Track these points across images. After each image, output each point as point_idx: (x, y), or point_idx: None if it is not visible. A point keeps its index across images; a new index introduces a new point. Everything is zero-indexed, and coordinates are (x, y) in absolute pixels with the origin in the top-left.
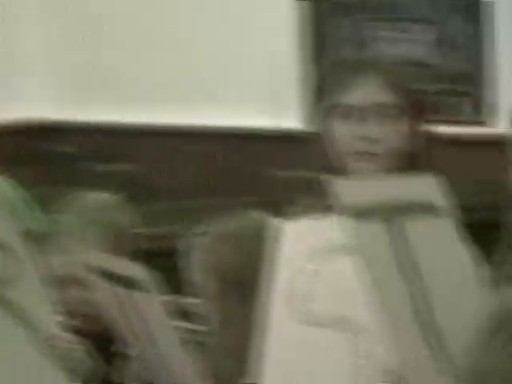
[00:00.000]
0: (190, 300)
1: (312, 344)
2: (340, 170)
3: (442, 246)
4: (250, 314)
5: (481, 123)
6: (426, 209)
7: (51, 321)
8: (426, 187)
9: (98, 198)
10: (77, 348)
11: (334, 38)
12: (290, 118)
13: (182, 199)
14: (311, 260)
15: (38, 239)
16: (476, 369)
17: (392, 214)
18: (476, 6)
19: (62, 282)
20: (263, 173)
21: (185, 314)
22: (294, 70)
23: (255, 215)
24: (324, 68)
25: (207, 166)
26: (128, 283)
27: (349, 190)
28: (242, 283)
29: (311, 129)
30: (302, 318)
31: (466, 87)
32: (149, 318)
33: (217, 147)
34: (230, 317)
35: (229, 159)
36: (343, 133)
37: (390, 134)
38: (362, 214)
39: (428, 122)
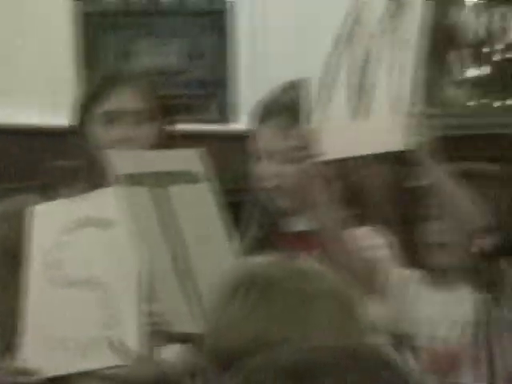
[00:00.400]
0: None
1: (67, 303)
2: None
3: (200, 207)
4: (19, 281)
5: (225, 121)
6: (186, 177)
7: None
8: (187, 159)
9: None
10: None
11: (104, 49)
12: (64, 117)
13: None
14: (63, 233)
15: None
16: (215, 326)
17: (157, 181)
18: (222, 22)
19: None
20: (42, 163)
21: None
22: (70, 74)
23: (27, 198)
24: (92, 77)
25: None
26: None
27: (122, 160)
28: (14, 255)
29: (75, 127)
30: (57, 282)
31: (213, 91)
32: None
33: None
34: (4, 284)
35: (9, 152)
36: (105, 135)
37: (145, 134)
38: (132, 182)
39: (179, 121)
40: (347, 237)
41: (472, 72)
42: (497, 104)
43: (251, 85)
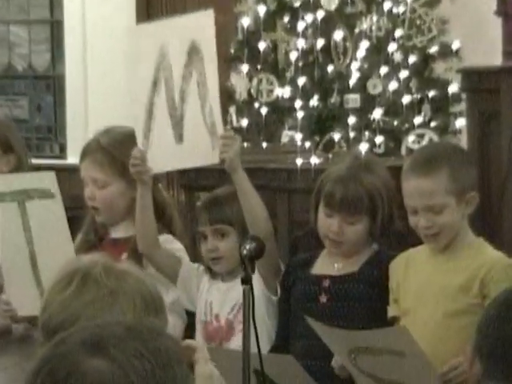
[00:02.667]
0: None
1: None
2: None
3: (52, 219)
4: None
5: (64, 157)
6: (44, 193)
7: None
8: (42, 179)
9: None
10: None
11: None
12: None
13: None
14: None
15: None
16: (48, 306)
17: (21, 197)
18: (60, 83)
19: None
20: None
21: None
22: None
23: None
24: None
25: None
26: None
27: None
28: None
29: None
30: None
31: (54, 135)
32: None
33: None
34: None
35: None
36: None
37: (4, 163)
38: (1, 197)
39: (31, 156)
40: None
41: (244, 122)
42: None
43: (82, 130)
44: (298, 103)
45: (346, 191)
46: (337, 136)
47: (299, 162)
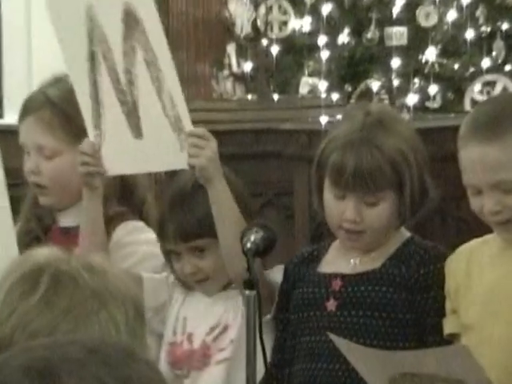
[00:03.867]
0: None
1: None
2: None
3: None
4: None
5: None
6: None
7: None
8: None
9: None
10: None
11: None
12: None
13: None
14: None
15: None
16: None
17: None
18: None
19: None
20: None
21: None
22: None
23: None
24: None
25: None
26: None
27: None
28: None
29: None
30: None
31: None
32: None
33: None
34: None
35: None
36: None
37: None
38: None
39: None
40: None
41: (248, 65)
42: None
43: (23, 81)
44: (322, 39)
45: (359, 161)
46: (375, 84)
47: (323, 120)
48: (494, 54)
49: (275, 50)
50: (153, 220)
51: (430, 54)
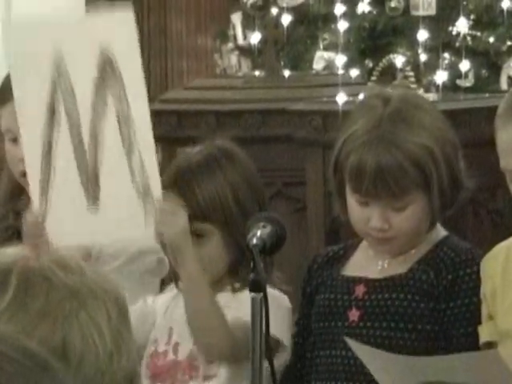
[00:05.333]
0: None
1: None
2: None
3: None
4: None
5: None
6: None
7: None
8: None
9: None
10: None
11: None
12: None
13: None
14: None
15: None
16: None
17: None
18: None
19: None
20: None
21: None
22: None
23: None
24: None
25: None
26: None
27: None
28: None
29: None
30: None
31: None
32: None
33: None
34: None
35: None
36: None
37: None
38: None
39: None
40: None
41: (256, 37)
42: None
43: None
44: (340, 8)
45: (378, 164)
46: (400, 60)
47: (341, 99)
48: None
49: (286, 20)
50: None
51: (462, 25)
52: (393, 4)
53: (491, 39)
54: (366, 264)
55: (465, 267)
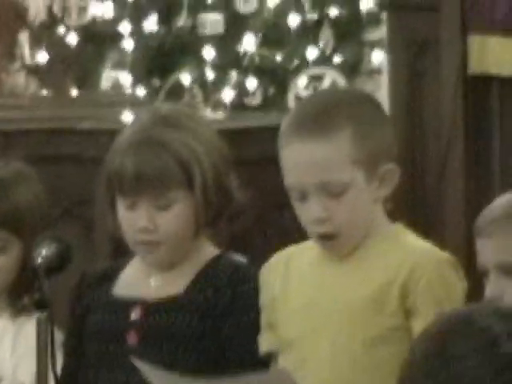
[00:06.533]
0: None
1: None
2: None
3: None
4: None
5: None
6: None
7: None
8: None
9: None
10: None
11: None
12: None
13: None
14: None
15: None
16: None
17: None
18: None
19: None
20: None
21: None
22: None
23: None
24: None
25: None
26: None
27: None
28: None
29: None
30: None
31: None
32: None
33: None
34: None
35: None
36: None
37: None
38: None
39: None
40: None
41: (43, 57)
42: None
43: None
44: (126, 27)
45: (139, 161)
46: (187, 78)
47: (129, 118)
48: (321, 44)
49: (73, 39)
50: None
51: (249, 43)
52: (180, 23)
53: (278, 57)
54: (137, 282)
55: (242, 283)
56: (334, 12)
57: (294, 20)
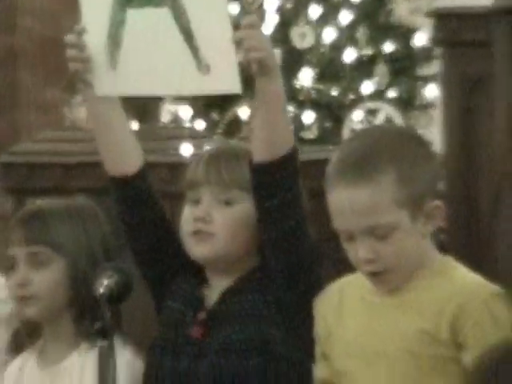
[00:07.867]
0: None
1: None
2: None
3: None
4: None
5: None
6: None
7: None
8: None
9: None
10: None
11: None
12: None
13: None
14: None
15: None
16: None
17: None
18: None
19: None
20: None
21: None
22: None
23: None
24: None
25: None
26: None
27: None
28: None
29: None
30: None
31: None
32: None
33: None
34: None
35: None
36: None
37: None
38: None
39: None
40: None
41: None
42: None
43: None
44: None
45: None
46: (245, 112)
47: (187, 151)
48: (376, 78)
49: None
50: None
51: (306, 78)
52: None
53: (334, 92)
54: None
55: None
56: (388, 48)
57: (349, 55)
